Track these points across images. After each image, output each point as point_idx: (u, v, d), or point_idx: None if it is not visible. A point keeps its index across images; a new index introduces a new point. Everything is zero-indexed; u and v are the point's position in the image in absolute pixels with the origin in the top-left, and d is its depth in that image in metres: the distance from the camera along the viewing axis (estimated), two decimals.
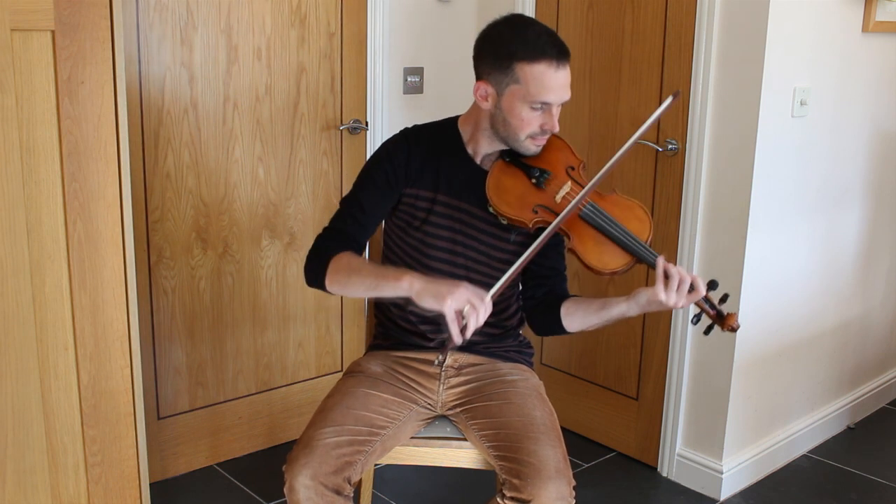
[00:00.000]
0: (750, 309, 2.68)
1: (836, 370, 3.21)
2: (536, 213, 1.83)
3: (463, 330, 1.65)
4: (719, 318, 1.77)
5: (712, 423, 2.77)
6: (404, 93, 3.09)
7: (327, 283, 1.85)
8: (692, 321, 1.80)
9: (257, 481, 2.81)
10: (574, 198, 1.80)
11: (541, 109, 1.79)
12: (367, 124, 3.01)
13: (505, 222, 1.88)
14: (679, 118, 2.69)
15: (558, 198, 1.84)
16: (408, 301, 1.73)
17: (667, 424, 2.87)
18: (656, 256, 1.75)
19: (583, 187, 1.82)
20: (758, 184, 2.58)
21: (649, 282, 2.81)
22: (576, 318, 1.89)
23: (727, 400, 2.72)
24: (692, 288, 1.72)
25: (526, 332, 2.13)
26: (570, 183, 1.85)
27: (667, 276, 1.71)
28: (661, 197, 2.78)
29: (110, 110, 1.84)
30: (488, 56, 1.83)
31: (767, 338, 2.81)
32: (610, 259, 1.79)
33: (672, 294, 1.71)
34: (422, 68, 3.11)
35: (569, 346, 3.15)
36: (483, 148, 1.93)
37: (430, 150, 1.94)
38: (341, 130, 2.98)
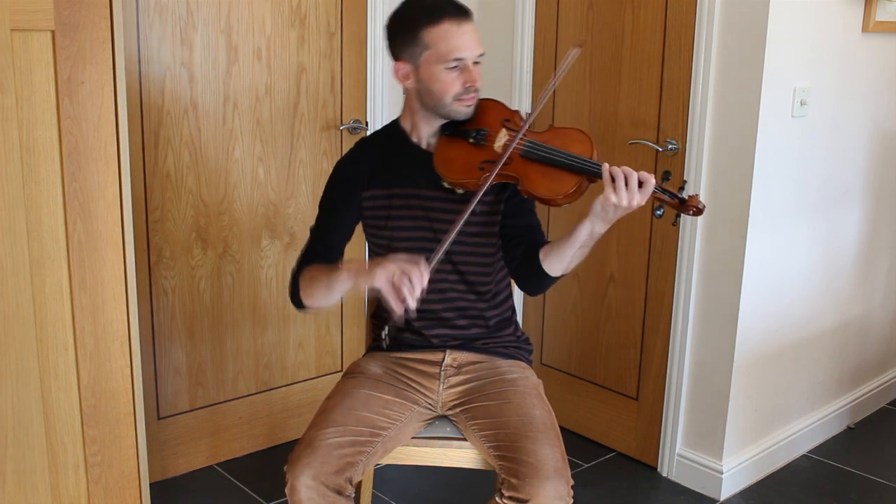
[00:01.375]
0: (750, 309, 2.68)
1: (836, 370, 3.21)
2: (483, 169, 1.87)
3: (403, 300, 1.67)
4: (681, 204, 1.78)
5: (712, 423, 2.77)
6: (404, 93, 3.08)
7: (304, 302, 1.95)
8: (654, 214, 1.79)
9: (257, 481, 2.81)
10: (512, 143, 1.84)
11: (457, 68, 1.85)
12: (367, 124, 3.01)
13: (461, 191, 1.92)
14: (679, 118, 2.69)
15: (497, 147, 1.89)
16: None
17: (667, 424, 2.87)
18: (600, 165, 1.76)
19: (518, 132, 1.86)
20: (758, 184, 2.58)
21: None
22: (553, 258, 1.88)
23: (727, 400, 2.72)
24: (642, 183, 1.72)
25: (526, 327, 2.13)
26: (504, 131, 1.90)
27: (613, 177, 1.72)
28: None
29: (110, 110, 1.84)
30: (396, 34, 1.91)
31: (767, 338, 2.81)
32: (559, 185, 1.81)
33: (622, 194, 1.71)
34: None
35: (569, 345, 3.15)
36: (424, 131, 1.98)
37: (380, 153, 2.01)
38: (341, 130, 2.98)
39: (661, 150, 2.74)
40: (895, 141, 3.16)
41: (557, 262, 1.87)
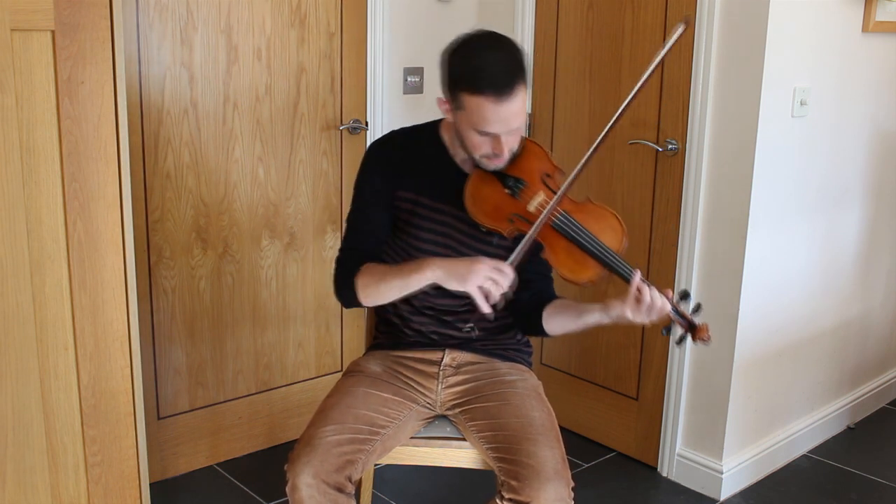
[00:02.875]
0: (750, 309, 2.68)
1: (836, 370, 3.21)
2: (512, 222, 1.84)
3: (488, 300, 1.72)
4: (691, 328, 1.79)
5: (712, 423, 2.77)
6: (404, 93, 3.09)
7: (362, 300, 1.92)
8: (662, 332, 1.82)
9: (257, 481, 2.81)
10: (545, 210, 1.79)
11: (489, 136, 1.79)
12: (367, 124, 3.01)
13: (484, 230, 1.89)
14: (679, 118, 2.69)
15: (531, 207, 1.83)
16: (435, 287, 1.81)
17: (667, 424, 2.87)
18: (632, 272, 1.75)
19: (553, 199, 1.80)
20: (758, 184, 2.58)
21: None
22: (555, 322, 1.92)
23: (727, 400, 2.72)
24: (661, 308, 1.75)
25: None
26: (543, 192, 1.84)
27: (639, 299, 1.73)
28: (660, 197, 2.78)
29: (110, 110, 1.84)
30: (443, 76, 1.83)
31: (767, 338, 2.81)
32: (581, 269, 1.79)
33: (643, 314, 1.74)
34: (422, 68, 3.11)
35: (569, 346, 3.15)
36: (461, 152, 1.93)
37: (412, 153, 1.96)
38: (341, 130, 2.98)
39: (661, 150, 2.74)
40: (895, 141, 3.16)
41: (558, 329, 1.92)
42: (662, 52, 1.77)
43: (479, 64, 1.74)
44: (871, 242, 3.19)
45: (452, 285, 1.76)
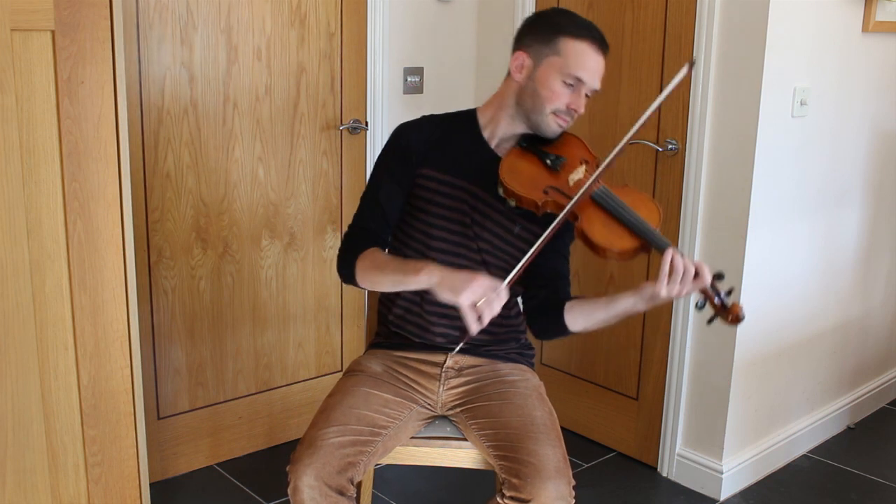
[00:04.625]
0: (750, 309, 2.68)
1: (836, 370, 3.21)
2: (547, 193, 1.84)
3: (479, 319, 1.69)
4: (723, 308, 1.77)
5: (712, 423, 2.77)
6: (404, 93, 3.09)
7: (358, 281, 1.93)
8: (696, 306, 1.78)
9: (257, 481, 2.81)
10: (587, 182, 1.81)
11: (572, 87, 1.84)
12: (367, 124, 3.01)
13: (513, 204, 1.89)
14: (679, 118, 2.69)
15: (571, 181, 1.86)
16: (427, 291, 1.78)
17: (667, 424, 2.87)
18: (667, 245, 1.74)
19: (595, 173, 1.84)
20: (758, 184, 2.58)
21: (650, 275, 2.80)
22: (580, 315, 1.88)
23: (727, 400, 2.72)
24: (696, 274, 1.71)
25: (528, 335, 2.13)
26: (583, 168, 1.88)
27: (671, 270, 1.71)
28: (661, 197, 2.78)
29: (110, 110, 1.84)
30: (535, 27, 1.90)
31: (767, 338, 2.81)
32: (618, 239, 1.79)
33: (675, 287, 1.71)
34: (422, 68, 3.11)
35: (569, 346, 3.15)
36: (501, 130, 1.95)
37: (445, 132, 1.97)
38: (341, 130, 2.98)
39: (661, 150, 2.74)
40: (895, 141, 3.16)
41: (583, 321, 1.88)
42: (664, 94, 1.81)
43: (583, 21, 1.88)
44: (871, 242, 3.19)
45: (445, 295, 1.72)
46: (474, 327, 1.69)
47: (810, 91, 2.68)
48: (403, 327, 2.05)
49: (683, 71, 1.80)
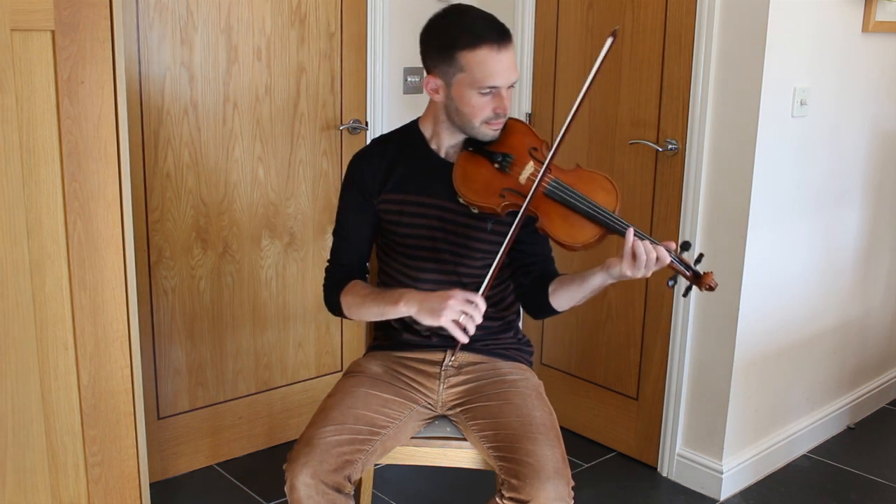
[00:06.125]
0: (750, 309, 2.68)
1: (836, 370, 3.21)
2: (504, 197, 1.84)
3: (464, 331, 1.73)
4: (696, 278, 1.77)
5: (712, 423, 2.77)
6: (404, 93, 3.09)
7: (347, 316, 1.98)
8: (668, 284, 1.79)
9: (257, 481, 2.81)
10: (536, 178, 1.81)
11: (490, 94, 1.82)
12: (367, 124, 3.01)
13: (476, 211, 1.90)
14: (679, 118, 2.69)
15: (522, 179, 1.85)
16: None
17: (667, 424, 2.87)
18: (627, 227, 1.74)
19: (542, 166, 1.82)
20: (758, 184, 2.58)
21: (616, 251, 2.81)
22: (561, 296, 1.90)
23: (727, 400, 2.72)
24: (658, 259, 1.73)
25: (526, 327, 2.13)
26: (532, 163, 1.86)
27: (634, 255, 1.72)
28: (661, 197, 2.78)
29: (110, 110, 1.84)
30: (432, 49, 1.87)
31: (767, 338, 2.81)
32: (578, 232, 1.79)
33: (640, 268, 1.72)
34: (422, 68, 3.10)
35: (569, 346, 3.15)
36: (445, 141, 1.96)
37: (395, 155, 1.98)
38: (341, 130, 2.98)
39: (661, 150, 2.74)
40: (895, 141, 3.16)
41: (566, 302, 1.90)
42: (593, 71, 1.78)
43: (470, 21, 1.82)
44: (871, 242, 3.19)
45: (426, 320, 1.76)
46: (463, 339, 1.74)
47: (810, 91, 2.67)
48: (402, 328, 2.06)
49: (608, 42, 1.76)
